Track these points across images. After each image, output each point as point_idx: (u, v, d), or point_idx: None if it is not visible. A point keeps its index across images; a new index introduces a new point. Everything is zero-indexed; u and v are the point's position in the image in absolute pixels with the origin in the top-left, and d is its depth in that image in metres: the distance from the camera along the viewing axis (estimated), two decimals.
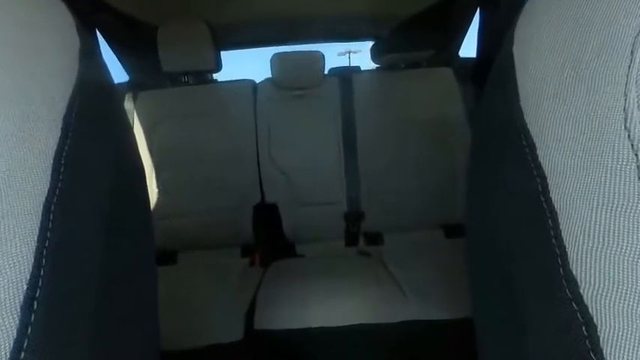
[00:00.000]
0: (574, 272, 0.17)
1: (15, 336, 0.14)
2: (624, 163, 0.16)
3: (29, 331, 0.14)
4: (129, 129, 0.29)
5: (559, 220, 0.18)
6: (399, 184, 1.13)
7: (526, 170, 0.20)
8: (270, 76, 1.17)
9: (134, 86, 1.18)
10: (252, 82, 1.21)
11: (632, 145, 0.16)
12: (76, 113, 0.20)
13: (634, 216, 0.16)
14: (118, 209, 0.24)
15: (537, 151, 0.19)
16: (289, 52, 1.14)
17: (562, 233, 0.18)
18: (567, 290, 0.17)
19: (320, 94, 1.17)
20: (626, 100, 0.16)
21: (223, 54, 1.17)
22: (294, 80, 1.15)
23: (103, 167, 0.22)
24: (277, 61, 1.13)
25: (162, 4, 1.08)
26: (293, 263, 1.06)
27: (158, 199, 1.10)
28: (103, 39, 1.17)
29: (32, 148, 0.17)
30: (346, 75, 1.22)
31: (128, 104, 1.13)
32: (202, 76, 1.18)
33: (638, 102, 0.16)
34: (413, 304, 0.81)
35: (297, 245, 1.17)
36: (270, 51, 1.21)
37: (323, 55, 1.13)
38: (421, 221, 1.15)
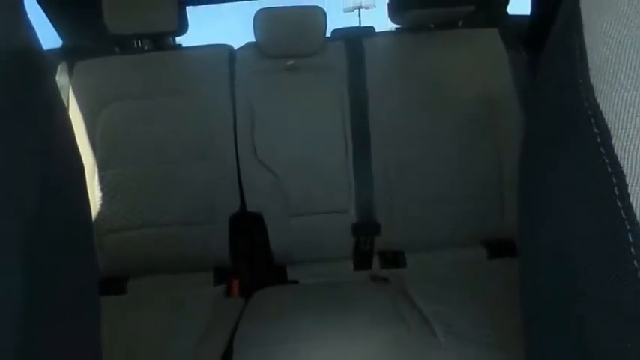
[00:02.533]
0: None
1: None
2: None
3: None
4: (62, 111, 0.29)
5: (639, 225, 0.19)
6: (426, 186, 1.13)
7: (597, 164, 0.21)
8: (253, 39, 1.16)
9: (70, 54, 1.17)
10: (228, 47, 1.21)
11: None
12: None
13: None
14: (45, 226, 0.24)
15: (613, 141, 0.20)
16: (279, 7, 1.13)
17: (633, 203, 0.19)
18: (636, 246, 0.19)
19: (320, 65, 1.17)
20: None
21: (192, 11, 1.17)
22: (286, 46, 1.15)
23: (27, 160, 0.22)
24: (263, 19, 1.12)
25: None
26: (283, 292, 1.06)
27: (102, 206, 1.09)
28: None
29: None
30: (356, 39, 1.21)
31: (62, 78, 1.12)
32: (162, 40, 1.18)
33: None
34: (448, 350, 0.81)
35: (288, 268, 1.17)
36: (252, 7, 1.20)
37: (324, 12, 1.13)
38: (456, 237, 1.16)
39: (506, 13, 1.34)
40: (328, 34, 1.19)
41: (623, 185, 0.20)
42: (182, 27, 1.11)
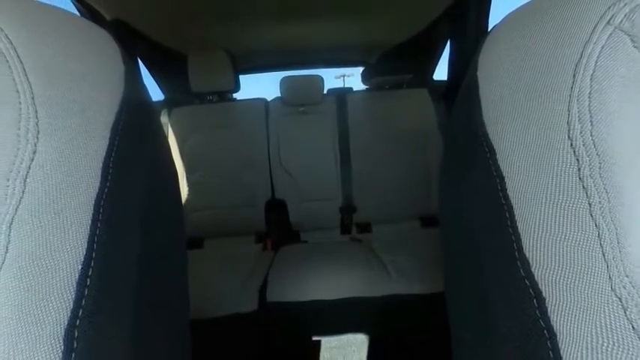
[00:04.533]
0: (527, 255, 0.17)
1: (72, 306, 0.14)
2: (567, 167, 0.16)
3: (83, 302, 0.15)
4: (164, 139, 0.29)
5: (514, 212, 0.18)
6: (384, 183, 1.13)
7: (487, 172, 0.20)
8: (279, 95, 1.17)
9: (168, 103, 1.18)
10: (264, 100, 1.21)
11: (574, 151, 0.16)
12: (122, 125, 0.20)
13: (574, 210, 0.16)
14: (155, 204, 0.23)
15: (496, 156, 0.19)
16: (295, 75, 1.14)
17: (517, 223, 0.18)
18: (522, 270, 0.17)
19: (320, 110, 1.17)
20: (569, 114, 0.17)
21: (243, 77, 1.18)
22: (299, 99, 1.15)
23: (143, 169, 0.22)
24: (285, 82, 1.13)
25: (191, 36, 1.08)
26: (298, 248, 1.06)
27: (188, 196, 1.10)
28: (142, 64, 1.17)
29: (86, 154, 0.17)
30: (341, 94, 1.21)
31: (163, 118, 1.13)
32: (224, 95, 1.18)
33: (578, 116, 0.17)
34: (395, 282, 0.81)
35: (301, 233, 1.17)
36: (279, 75, 1.22)
37: (322, 78, 1.14)
38: (403, 214, 1.15)
39: (433, 79, 1.34)
40: (325, 92, 1.20)
41: (503, 185, 0.19)
42: (236, 87, 1.11)
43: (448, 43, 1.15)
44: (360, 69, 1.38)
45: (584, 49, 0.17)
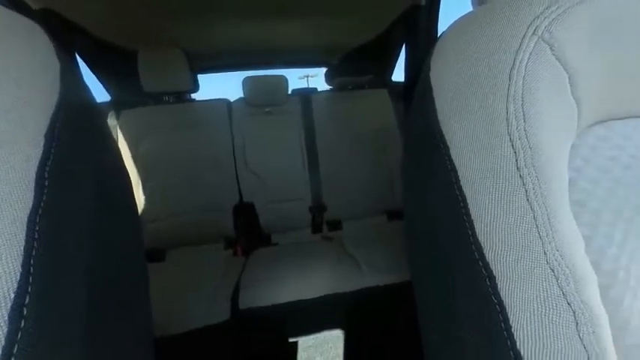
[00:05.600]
0: (480, 240, 0.19)
1: (3, 343, 0.13)
2: (507, 159, 0.19)
3: (19, 336, 0.13)
4: (113, 143, 0.26)
5: (467, 202, 0.20)
6: (351, 181, 1.16)
7: (443, 166, 0.21)
8: (242, 95, 1.13)
9: (116, 105, 1.07)
10: (226, 100, 1.16)
11: (512, 145, 0.19)
12: (59, 130, 0.18)
13: (514, 196, 0.18)
14: (105, 216, 0.21)
15: (450, 152, 0.21)
16: (258, 75, 1.12)
17: (470, 211, 0.19)
18: (476, 253, 0.19)
19: (285, 111, 1.16)
20: (507, 112, 0.19)
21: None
22: (264, 99, 1.13)
23: (89, 178, 0.20)
24: (248, 83, 1.10)
25: (140, 32, 0.99)
26: (270, 251, 1.04)
27: (145, 204, 1.01)
28: (84, 62, 1.05)
29: (14, 165, 0.15)
30: (306, 95, 1.22)
31: (111, 121, 1.02)
32: (182, 95, 1.11)
33: (514, 114, 0.19)
34: (367, 275, 0.83)
35: (272, 235, 1.14)
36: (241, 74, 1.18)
37: (286, 79, 1.13)
38: (370, 209, 1.18)
39: (391, 80, 1.40)
40: (289, 92, 1.19)
41: (457, 177, 0.20)
42: (195, 87, 1.05)
43: (404, 47, 1.22)
44: (324, 69, 1.39)
45: (516, 55, 0.19)
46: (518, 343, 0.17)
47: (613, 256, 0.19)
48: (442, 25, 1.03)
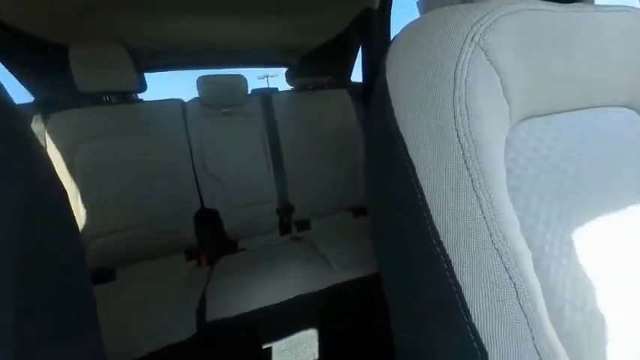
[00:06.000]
0: (437, 227, 0.21)
1: None
2: (456, 153, 0.21)
3: None
4: (40, 150, 0.23)
5: (424, 193, 0.21)
6: (317, 180, 1.16)
7: (402, 162, 0.23)
8: (197, 95, 1.06)
9: (42, 107, 0.92)
10: (180, 101, 1.08)
11: (459, 141, 0.21)
12: None
13: (462, 186, 0.20)
14: (35, 234, 0.19)
15: (407, 147, 0.22)
16: (214, 75, 1.06)
17: (427, 202, 0.21)
18: (434, 239, 0.21)
19: (245, 112, 1.12)
20: (454, 111, 0.21)
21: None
22: (222, 99, 1.07)
23: (12, 192, 0.18)
24: (203, 82, 1.03)
25: (72, 24, 0.86)
26: (237, 257, 1.00)
27: (87, 219, 0.89)
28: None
29: None
30: (267, 95, 1.19)
31: (37, 125, 0.87)
32: (127, 95, 1.00)
33: (460, 113, 0.21)
34: (337, 271, 0.84)
35: (239, 241, 1.10)
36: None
37: (245, 79, 1.09)
38: (336, 207, 1.21)
39: (351, 80, 1.43)
40: (249, 92, 1.16)
41: (414, 171, 0.22)
42: (141, 87, 0.95)
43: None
44: (284, 70, 1.38)
45: (458, 60, 0.22)
46: (473, 318, 0.19)
47: (540, 233, 0.23)
48: (394, 29, 1.10)
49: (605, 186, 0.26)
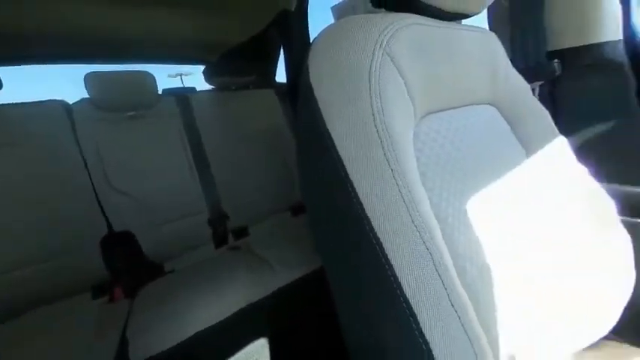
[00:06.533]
0: (368, 215, 0.23)
1: None
2: (377, 147, 0.23)
3: None
4: None
5: (354, 184, 0.23)
6: (251, 183, 1.12)
7: (332, 158, 0.24)
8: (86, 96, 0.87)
9: None
10: (63, 102, 0.87)
11: (379, 135, 0.23)
12: None
13: (385, 175, 0.23)
14: None
15: (335, 144, 0.24)
16: (108, 72, 0.89)
17: (358, 192, 0.23)
18: (367, 226, 0.23)
19: (157, 114, 0.99)
20: (372, 109, 0.24)
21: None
22: (123, 101, 0.91)
23: None
24: (94, 80, 0.85)
25: None
26: (164, 282, 0.87)
27: None
28: None
29: None
30: (183, 95, 1.07)
31: None
32: None
33: (377, 110, 0.24)
34: (280, 273, 0.83)
35: (165, 264, 0.96)
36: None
37: (153, 76, 0.95)
38: (274, 208, 1.18)
39: (276, 80, 1.42)
40: (159, 92, 1.01)
41: (344, 167, 0.23)
42: None
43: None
44: (201, 67, 1.27)
45: (371, 63, 0.25)
46: (405, 290, 0.21)
47: (444, 208, 0.27)
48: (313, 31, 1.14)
49: (482, 166, 0.33)
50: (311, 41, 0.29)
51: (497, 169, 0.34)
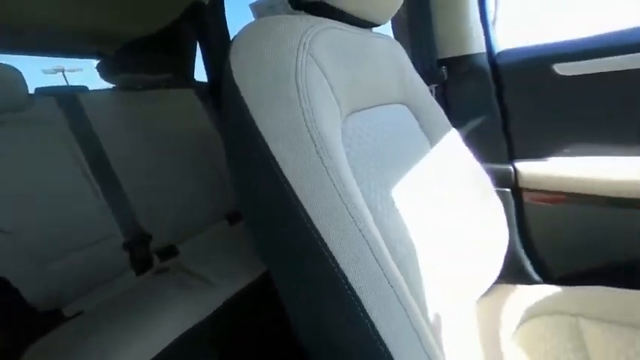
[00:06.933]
0: (308, 211, 0.23)
1: None
2: (310, 146, 0.24)
3: None
4: None
5: (290, 182, 0.23)
6: (175, 194, 0.99)
7: (265, 158, 0.24)
8: None
9: None
10: None
11: (310, 135, 0.24)
12: None
13: (320, 173, 0.24)
14: None
15: (268, 144, 0.24)
16: None
17: (294, 190, 0.23)
18: (304, 218, 0.23)
19: (31, 118, 0.78)
20: (302, 110, 0.25)
21: None
22: None
23: None
24: None
25: None
26: (65, 330, 0.69)
27: None
28: None
29: None
30: (70, 95, 0.87)
31: None
32: None
33: (307, 110, 0.25)
34: (222, 287, 0.76)
35: (66, 307, 0.76)
36: None
37: (20, 71, 0.74)
38: (208, 219, 1.08)
39: (195, 79, 1.30)
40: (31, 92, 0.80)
41: (278, 165, 0.23)
42: None
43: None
44: (94, 62, 1.05)
45: (296, 63, 0.25)
46: (349, 279, 0.23)
47: (373, 198, 0.31)
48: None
49: (399, 157, 0.38)
50: (231, 38, 0.28)
51: (411, 159, 0.40)
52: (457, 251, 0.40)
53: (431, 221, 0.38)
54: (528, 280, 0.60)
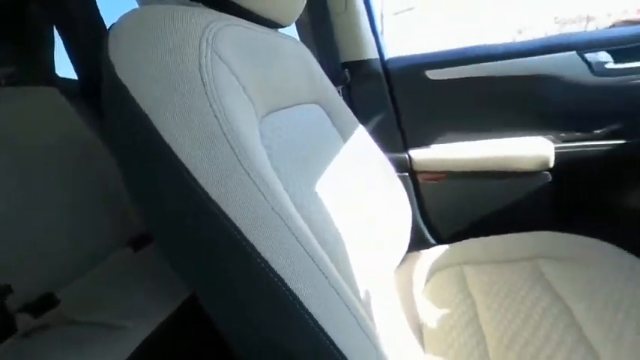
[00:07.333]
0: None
1: None
2: (224, 147, 0.22)
3: None
4: None
5: (206, 190, 0.22)
6: (46, 226, 0.74)
7: (173, 166, 0.21)
8: None
9: None
10: None
11: (227, 140, 0.23)
12: None
13: (239, 175, 0.23)
14: None
15: (174, 150, 0.21)
16: None
17: (213, 197, 0.22)
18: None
19: None
20: (213, 110, 0.23)
21: None
22: None
23: None
24: None
25: None
26: None
27: None
28: None
29: None
30: None
31: None
32: None
33: (218, 111, 0.23)
34: (131, 329, 0.63)
35: None
36: None
37: None
38: (100, 252, 0.85)
39: (57, 76, 0.99)
40: None
41: (187, 172, 0.21)
42: None
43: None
44: None
45: (199, 60, 0.23)
46: (285, 280, 0.22)
47: (298, 194, 0.32)
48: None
49: (316, 154, 0.40)
50: (108, 27, 0.24)
51: (327, 155, 0.43)
52: (374, 232, 0.45)
53: (349, 209, 0.41)
54: (428, 245, 0.74)
